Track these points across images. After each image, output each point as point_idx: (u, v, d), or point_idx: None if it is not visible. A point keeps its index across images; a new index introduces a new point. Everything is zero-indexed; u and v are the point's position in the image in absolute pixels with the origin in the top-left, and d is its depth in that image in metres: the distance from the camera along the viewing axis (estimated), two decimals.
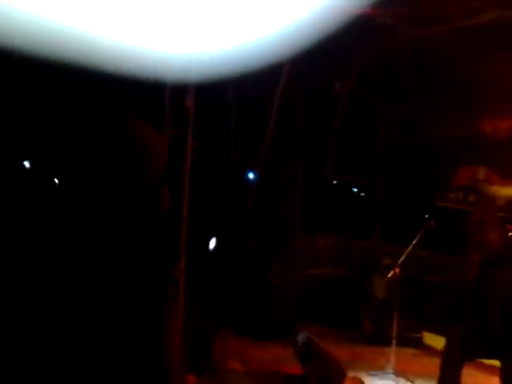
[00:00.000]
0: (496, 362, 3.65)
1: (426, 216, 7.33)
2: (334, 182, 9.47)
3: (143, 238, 1.14)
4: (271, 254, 6.67)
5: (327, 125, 8.52)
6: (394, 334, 5.09)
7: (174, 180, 5.09)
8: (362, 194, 10.54)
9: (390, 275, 5.22)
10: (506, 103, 8.03)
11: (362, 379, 4.81)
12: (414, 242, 5.24)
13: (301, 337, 4.94)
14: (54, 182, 4.45)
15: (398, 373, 4.89)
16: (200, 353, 4.35)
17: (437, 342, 5.88)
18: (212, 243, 6.53)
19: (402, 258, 5.23)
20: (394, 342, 5.06)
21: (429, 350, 6.02)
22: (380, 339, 5.95)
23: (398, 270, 5.20)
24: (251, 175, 8.69)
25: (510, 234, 4.26)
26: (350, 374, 4.64)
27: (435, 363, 3.65)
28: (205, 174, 7.15)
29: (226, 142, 8.07)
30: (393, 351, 5.00)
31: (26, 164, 7.55)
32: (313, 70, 7.39)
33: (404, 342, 5.67)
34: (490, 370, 4.26)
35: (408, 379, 4.88)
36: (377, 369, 5.04)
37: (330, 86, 8.43)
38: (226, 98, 7.83)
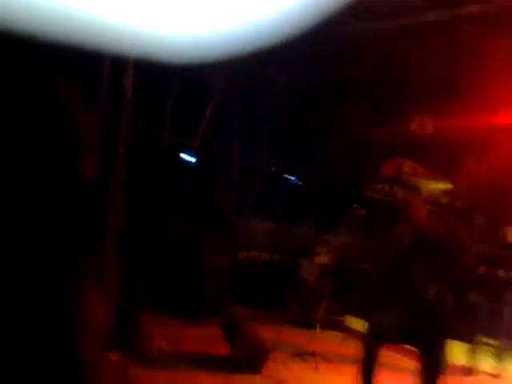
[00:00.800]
0: None
1: (355, 206, 7.57)
2: (273, 169, 9.58)
3: (62, 203, 1.11)
4: (205, 234, 6.68)
5: (266, 110, 8.57)
6: (319, 317, 5.26)
7: (109, 157, 4.97)
8: (300, 183, 10.71)
9: (320, 261, 5.38)
10: (431, 101, 8.42)
11: (285, 360, 4.94)
12: (343, 229, 5.40)
13: (228, 317, 5.02)
14: None
15: (320, 354, 5.06)
16: (125, 331, 4.31)
17: (358, 324, 6.15)
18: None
19: (333, 244, 5.39)
20: (318, 324, 5.23)
21: (350, 333, 6.27)
22: (306, 322, 6.14)
23: (328, 256, 5.37)
24: (188, 156, 8.62)
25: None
26: (274, 355, 4.75)
27: (355, 345, 3.79)
28: (139, 152, 7.01)
29: (163, 122, 7.94)
30: (317, 333, 5.16)
31: None
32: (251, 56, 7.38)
33: (327, 325, 5.88)
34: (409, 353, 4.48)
35: (328, 360, 5.07)
36: (300, 350, 5.18)
37: (266, 72, 8.44)
38: (165, 79, 7.69)
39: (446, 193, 8.73)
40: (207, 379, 4.21)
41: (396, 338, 3.74)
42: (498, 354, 5.67)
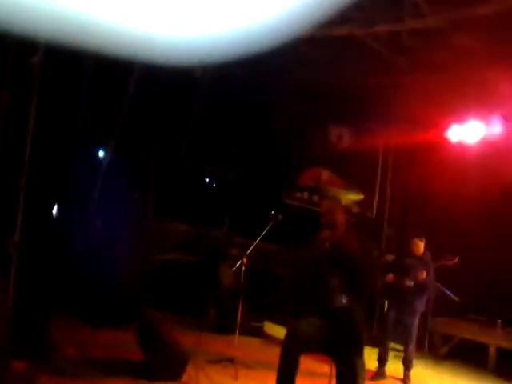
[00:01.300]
0: None
1: (272, 212, 7.52)
2: (189, 170, 9.36)
3: None
4: (119, 235, 6.35)
5: (187, 111, 8.39)
6: (238, 322, 5.16)
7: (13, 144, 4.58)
8: (214, 185, 10.60)
9: (237, 265, 5.28)
10: (349, 114, 8.72)
11: (204, 367, 4.78)
12: (262, 234, 5.34)
13: (143, 322, 4.77)
14: None
15: (239, 360, 4.95)
16: (32, 338, 3.93)
17: (277, 331, 6.16)
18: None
19: (250, 249, 5.31)
20: (237, 330, 5.13)
21: (269, 339, 6.26)
22: (224, 327, 6.03)
23: (245, 261, 5.28)
24: (102, 152, 8.20)
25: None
26: (192, 361, 4.57)
27: (274, 352, 3.73)
28: (48, 143, 6.54)
29: (77, 113, 7.47)
30: (235, 339, 5.06)
31: None
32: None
33: (247, 331, 5.81)
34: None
35: (247, 366, 4.99)
36: (219, 356, 5.04)
37: (191, 72, 8.27)
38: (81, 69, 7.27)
39: (358, 203, 9.05)
40: None
41: (314, 346, 3.71)
42: (405, 360, 5.91)
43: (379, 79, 7.78)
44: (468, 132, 7.83)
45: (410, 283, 5.86)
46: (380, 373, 5.83)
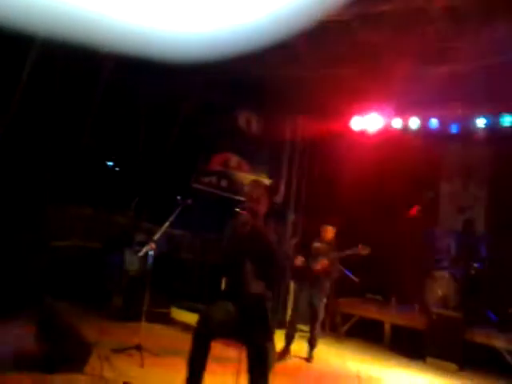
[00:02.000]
0: None
1: (179, 197, 7.41)
2: (91, 153, 8.93)
3: None
4: (16, 222, 5.94)
5: (91, 94, 7.99)
6: (144, 309, 5.06)
7: None
8: (117, 169, 10.24)
9: (144, 250, 5.17)
10: (259, 99, 8.80)
11: (107, 355, 4.63)
12: (171, 218, 5.25)
13: (43, 312, 4.52)
14: None
15: (145, 347, 4.86)
16: None
17: (184, 317, 6.12)
18: None
19: (158, 234, 5.22)
20: (143, 317, 5.03)
21: (176, 326, 6.20)
22: (130, 315, 5.88)
23: (152, 246, 5.18)
24: None
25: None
26: (97, 351, 4.42)
27: (181, 338, 3.71)
28: None
29: None
30: (141, 326, 4.95)
31: None
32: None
33: (153, 318, 5.72)
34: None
35: (154, 354, 4.91)
36: (125, 344, 4.92)
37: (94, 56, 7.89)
38: None
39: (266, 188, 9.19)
40: (22, 381, 3.71)
41: (225, 332, 3.73)
42: (311, 340, 6.15)
43: (287, 70, 7.92)
44: (369, 122, 8.24)
45: (318, 267, 6.08)
46: (285, 352, 6.01)
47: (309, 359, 6.06)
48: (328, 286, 6.25)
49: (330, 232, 6.31)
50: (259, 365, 3.50)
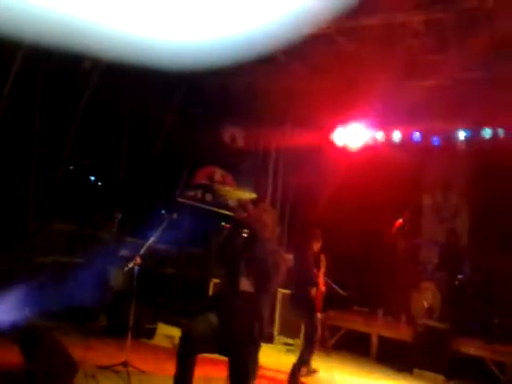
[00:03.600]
0: None
1: (163, 212, 7.44)
2: (71, 167, 8.82)
3: None
4: None
5: (72, 107, 7.91)
6: (130, 325, 4.97)
7: None
8: (100, 184, 10.12)
9: (129, 266, 5.09)
10: (241, 116, 8.86)
11: (93, 372, 4.53)
12: (157, 233, 5.19)
13: (26, 331, 4.41)
14: None
15: (132, 364, 4.77)
16: None
17: (171, 332, 6.02)
18: None
19: (144, 248, 5.15)
20: (129, 333, 4.94)
21: (163, 341, 6.10)
22: (115, 331, 5.77)
23: (138, 261, 5.10)
24: None
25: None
26: (82, 368, 4.31)
27: (169, 354, 3.64)
28: None
29: None
30: (128, 343, 4.86)
31: None
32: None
33: (140, 334, 5.63)
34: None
35: (140, 370, 4.82)
36: (111, 361, 4.81)
37: (78, 65, 7.84)
38: None
39: (250, 201, 9.19)
40: None
41: (209, 346, 3.64)
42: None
43: (270, 83, 7.99)
44: (351, 135, 8.32)
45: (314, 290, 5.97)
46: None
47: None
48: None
49: (316, 246, 6.25)
50: (239, 379, 3.46)
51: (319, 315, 5.99)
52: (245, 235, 3.79)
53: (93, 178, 10.06)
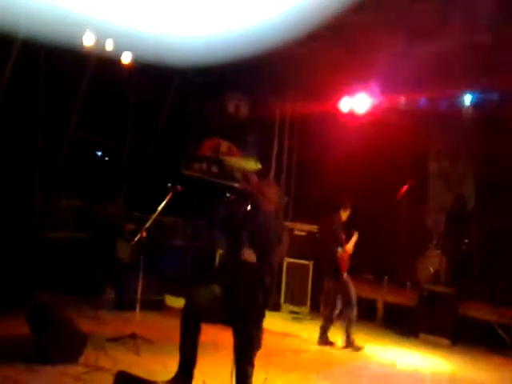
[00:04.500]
0: None
1: (169, 185, 7.42)
2: (78, 143, 8.84)
3: None
4: (3, 214, 5.89)
5: (76, 82, 7.89)
6: (138, 297, 5.07)
7: None
8: (107, 158, 10.16)
9: (136, 239, 5.14)
10: (245, 86, 8.75)
11: (102, 345, 4.66)
12: (161, 206, 5.21)
13: (35, 305, 4.51)
14: None
15: (140, 336, 4.88)
16: None
17: (178, 303, 6.11)
18: None
19: (150, 221, 5.19)
20: (137, 305, 5.04)
21: (170, 312, 6.22)
22: (123, 304, 5.90)
23: (144, 234, 5.15)
24: None
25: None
26: (91, 341, 4.44)
27: (176, 325, 3.71)
28: None
29: None
30: (136, 315, 4.97)
31: None
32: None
33: (147, 306, 5.74)
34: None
35: (149, 341, 4.94)
36: (120, 333, 4.93)
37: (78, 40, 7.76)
38: None
39: (256, 173, 9.19)
40: (18, 373, 3.72)
41: (212, 314, 3.71)
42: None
43: (276, 51, 7.86)
44: (357, 103, 8.22)
45: (341, 250, 6.08)
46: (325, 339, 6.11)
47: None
48: None
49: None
50: (243, 349, 3.53)
51: (345, 275, 6.07)
52: (248, 207, 3.84)
53: (99, 154, 10.11)
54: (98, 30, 6.98)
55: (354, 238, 6.24)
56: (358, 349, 5.99)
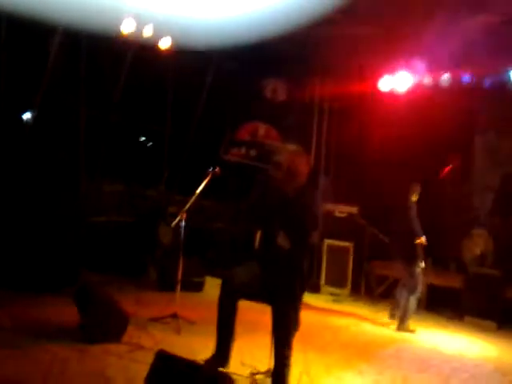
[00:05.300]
0: None
1: (211, 168, 7.49)
2: (120, 128, 9.00)
3: None
4: (51, 198, 6.10)
5: (117, 68, 8.02)
6: (179, 279, 5.16)
7: None
8: (150, 143, 10.33)
9: (176, 221, 5.22)
10: (284, 67, 8.66)
11: (144, 325, 4.79)
12: (200, 188, 5.24)
13: (81, 286, 4.68)
14: None
15: (181, 316, 4.99)
16: None
17: (218, 285, 6.20)
18: None
19: (189, 204, 5.24)
20: (178, 287, 5.14)
21: (211, 294, 6.27)
22: (165, 285, 6.03)
23: (183, 216, 5.21)
24: (28, 114, 7.75)
25: None
26: (134, 321, 4.57)
27: (216, 306, 3.76)
28: None
29: None
30: (177, 295, 5.07)
31: None
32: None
33: (188, 287, 5.85)
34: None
35: (189, 321, 5.04)
36: (161, 314, 5.05)
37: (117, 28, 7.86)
38: None
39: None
40: (62, 352, 3.88)
41: (249, 294, 3.73)
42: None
43: (313, 31, 7.72)
44: (398, 81, 7.99)
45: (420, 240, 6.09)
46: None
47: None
48: None
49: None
50: (281, 329, 3.54)
51: (421, 265, 6.07)
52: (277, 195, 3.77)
53: (143, 139, 10.28)
54: (137, 17, 7.07)
55: None
56: (411, 331, 6.00)
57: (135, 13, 7.02)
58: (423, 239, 6.03)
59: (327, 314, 6.58)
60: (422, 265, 6.07)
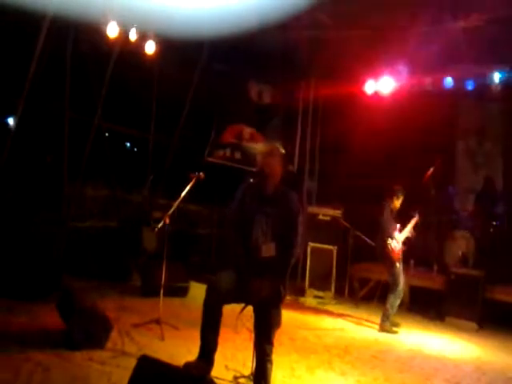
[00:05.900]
0: None
1: (195, 172, 7.46)
2: (106, 134, 8.96)
3: None
4: (34, 203, 6.07)
5: (102, 72, 7.99)
6: (162, 284, 5.15)
7: None
8: (135, 149, 10.29)
9: (159, 226, 5.20)
10: (269, 70, 8.70)
11: (128, 331, 4.78)
12: (183, 193, 5.23)
13: (63, 293, 4.67)
14: None
15: (165, 321, 4.99)
16: None
17: (203, 290, 6.20)
18: None
19: (173, 208, 5.22)
20: (161, 292, 5.13)
21: (195, 299, 6.31)
22: (149, 291, 6.01)
23: (167, 221, 5.20)
24: (10, 118, 7.70)
25: None
26: (117, 326, 4.57)
27: (200, 311, 3.76)
28: None
29: None
30: (160, 301, 5.06)
31: None
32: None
33: (172, 292, 5.84)
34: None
35: (173, 327, 5.04)
36: (145, 319, 5.05)
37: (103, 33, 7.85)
38: None
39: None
40: (46, 359, 3.87)
41: (234, 296, 3.72)
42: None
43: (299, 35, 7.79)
44: (382, 84, 8.07)
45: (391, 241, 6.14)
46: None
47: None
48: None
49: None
50: (263, 329, 3.58)
51: (398, 265, 6.13)
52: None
53: (128, 145, 10.24)
54: (122, 20, 7.06)
55: (414, 221, 6.38)
56: (393, 332, 6.09)
57: (119, 14, 7.02)
58: (390, 240, 6.06)
59: (311, 316, 6.63)
60: (397, 265, 6.11)
